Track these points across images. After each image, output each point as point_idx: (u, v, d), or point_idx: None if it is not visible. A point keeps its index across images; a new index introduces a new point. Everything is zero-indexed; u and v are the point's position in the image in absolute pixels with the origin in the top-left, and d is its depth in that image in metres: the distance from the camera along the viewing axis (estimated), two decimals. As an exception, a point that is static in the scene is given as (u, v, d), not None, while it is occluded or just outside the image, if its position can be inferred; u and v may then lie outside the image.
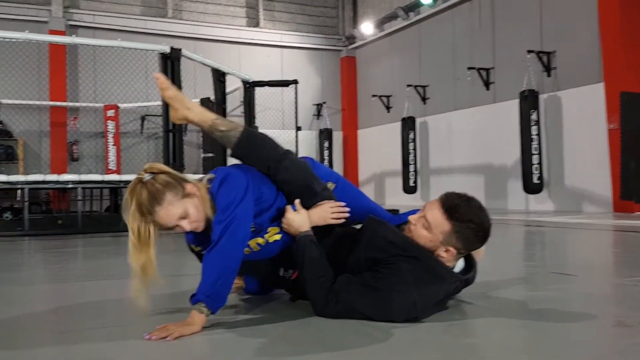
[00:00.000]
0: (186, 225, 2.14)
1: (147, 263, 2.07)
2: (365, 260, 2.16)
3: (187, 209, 2.12)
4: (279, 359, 1.73)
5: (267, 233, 2.31)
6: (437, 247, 2.15)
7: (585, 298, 2.64)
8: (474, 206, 2.14)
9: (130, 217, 2.07)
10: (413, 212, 2.58)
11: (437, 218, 2.12)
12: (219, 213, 2.14)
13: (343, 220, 2.36)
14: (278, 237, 2.31)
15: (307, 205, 2.35)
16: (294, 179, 2.36)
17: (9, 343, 1.96)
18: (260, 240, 2.30)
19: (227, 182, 2.19)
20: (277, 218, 2.34)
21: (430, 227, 2.13)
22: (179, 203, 2.10)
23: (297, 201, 2.33)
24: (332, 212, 2.34)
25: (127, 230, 2.09)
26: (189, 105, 2.45)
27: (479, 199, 2.20)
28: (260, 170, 2.36)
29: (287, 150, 2.45)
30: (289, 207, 2.31)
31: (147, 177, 2.09)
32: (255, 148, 2.37)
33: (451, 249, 2.14)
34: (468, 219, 2.11)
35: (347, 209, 2.36)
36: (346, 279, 2.11)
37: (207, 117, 2.43)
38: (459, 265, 2.26)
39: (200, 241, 2.33)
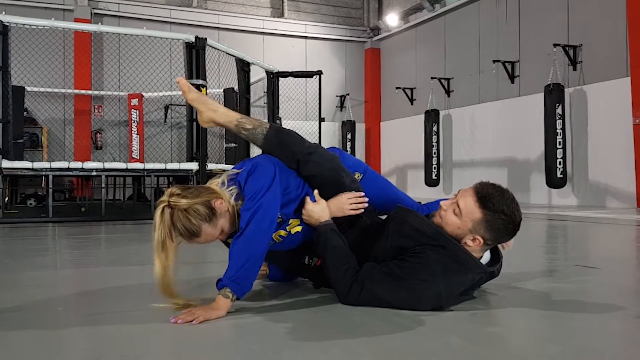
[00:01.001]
0: (222, 237, 2.23)
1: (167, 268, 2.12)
2: (391, 249, 2.16)
3: (223, 226, 2.19)
4: (303, 343, 1.74)
5: (288, 225, 2.34)
6: (465, 235, 2.14)
7: (608, 290, 2.61)
8: (507, 198, 2.13)
9: (156, 242, 2.09)
10: (436, 202, 2.58)
11: (470, 205, 2.12)
12: (247, 201, 2.16)
13: (362, 211, 2.36)
14: (299, 228, 2.33)
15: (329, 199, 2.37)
16: (323, 173, 2.37)
17: (38, 323, 2.00)
18: (282, 232, 2.32)
19: (256, 172, 2.22)
20: (299, 209, 2.36)
21: (460, 214, 2.12)
22: (215, 228, 2.16)
23: (315, 192, 2.34)
24: (351, 203, 2.34)
25: (149, 218, 2.13)
26: (213, 106, 2.48)
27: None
28: (289, 165, 2.37)
29: (315, 144, 2.47)
30: (307, 199, 2.32)
31: (172, 209, 2.10)
32: (283, 144, 2.38)
33: (479, 238, 2.13)
34: (500, 210, 2.10)
35: (366, 199, 2.36)
36: (370, 267, 2.11)
37: (232, 116, 2.46)
38: (485, 257, 2.25)
39: None
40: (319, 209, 2.27)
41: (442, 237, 2.12)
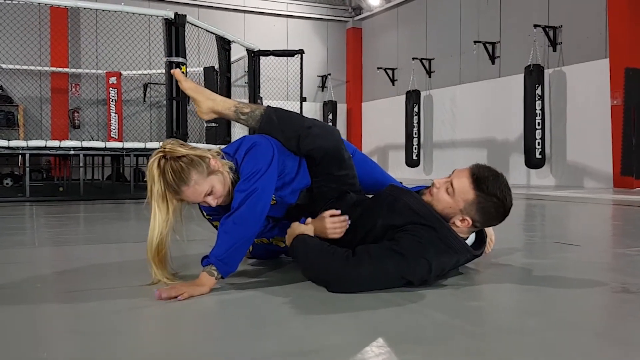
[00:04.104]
0: (212, 200, 2.14)
1: (162, 240, 2.09)
2: (382, 227, 2.14)
3: (214, 185, 2.12)
4: (287, 319, 1.74)
5: (272, 238, 2.44)
6: (455, 215, 2.14)
7: (587, 266, 2.65)
8: (502, 182, 2.14)
9: (155, 195, 2.06)
10: (418, 187, 2.57)
11: (464, 186, 2.12)
12: (242, 181, 2.14)
13: (342, 234, 2.24)
14: (282, 244, 2.41)
15: (337, 173, 2.38)
16: (323, 145, 2.35)
17: (16, 299, 1.97)
18: (264, 240, 2.44)
19: (254, 151, 2.19)
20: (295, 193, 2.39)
21: (454, 193, 2.12)
22: (205, 181, 2.09)
23: (308, 219, 2.27)
24: (335, 228, 2.23)
25: (128, 198, 2.10)
26: (211, 95, 2.45)
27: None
28: (289, 142, 2.33)
29: (314, 118, 2.46)
30: (295, 223, 2.26)
31: (167, 156, 2.07)
32: (283, 120, 2.36)
33: (468, 219, 2.13)
34: (493, 193, 2.11)
35: (347, 222, 2.25)
36: (364, 246, 2.08)
37: (230, 102, 2.44)
38: (470, 238, 2.26)
39: (216, 211, 2.33)
40: (303, 227, 2.22)
41: (434, 219, 2.12)
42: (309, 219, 2.27)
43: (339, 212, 2.26)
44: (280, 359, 1.37)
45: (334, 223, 2.23)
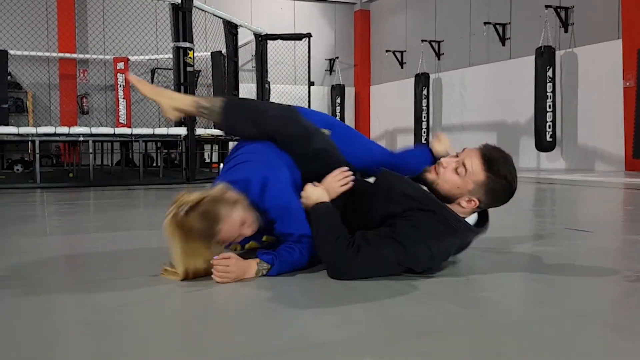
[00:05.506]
0: (248, 230, 2.09)
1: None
2: (380, 217, 2.12)
3: (243, 214, 2.06)
4: (298, 310, 1.73)
5: (247, 243, 2.42)
6: (461, 196, 2.11)
7: (599, 253, 2.63)
8: (510, 164, 2.12)
9: (185, 254, 1.98)
10: (409, 151, 2.59)
11: (476, 167, 2.09)
12: (286, 221, 2.16)
13: (351, 185, 2.27)
14: (255, 244, 2.43)
15: (307, 151, 2.34)
16: (282, 127, 2.33)
17: (28, 290, 1.98)
18: (238, 247, 2.41)
19: (274, 185, 2.17)
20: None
21: (465, 174, 2.09)
22: (235, 212, 2.03)
23: (314, 183, 2.25)
24: (339, 180, 2.25)
25: (138, 184, 2.08)
26: (171, 94, 2.46)
27: None
28: (251, 132, 2.33)
29: (270, 102, 2.43)
30: (308, 184, 2.24)
31: (183, 210, 1.97)
32: (240, 111, 2.36)
33: (475, 200, 2.11)
34: (503, 175, 2.08)
35: (350, 173, 2.28)
36: (362, 232, 2.07)
37: (189, 98, 2.43)
38: (472, 218, 2.23)
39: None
40: (318, 191, 2.20)
41: (431, 201, 2.10)
42: (319, 185, 2.25)
43: (344, 168, 2.28)
44: (290, 352, 1.37)
45: (336, 177, 2.25)
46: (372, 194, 2.23)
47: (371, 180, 2.40)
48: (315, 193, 2.19)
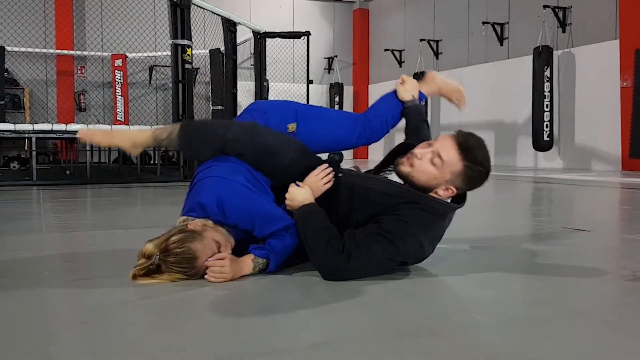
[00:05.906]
0: (225, 252, 2.04)
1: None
2: (363, 222, 2.09)
3: (214, 239, 2.02)
4: (296, 308, 1.73)
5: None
6: (439, 185, 2.09)
7: (598, 252, 2.63)
8: (485, 149, 2.10)
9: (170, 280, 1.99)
10: (382, 100, 2.66)
11: (452, 157, 2.05)
12: (262, 224, 2.12)
13: (332, 181, 2.23)
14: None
15: (275, 168, 2.26)
16: (245, 149, 2.23)
17: (23, 288, 1.97)
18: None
19: (233, 203, 2.10)
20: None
21: (442, 165, 2.06)
22: (206, 241, 1.99)
23: (297, 183, 2.21)
24: (321, 178, 2.22)
25: (135, 182, 2.06)
26: (127, 134, 2.41)
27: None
28: (213, 155, 2.24)
29: (228, 121, 2.36)
30: (292, 184, 2.21)
31: (157, 257, 1.97)
32: (198, 135, 2.27)
33: (452, 188, 2.09)
34: (479, 162, 2.06)
35: (330, 170, 2.24)
36: (351, 232, 2.05)
37: (146, 133, 2.34)
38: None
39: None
40: (303, 192, 2.16)
41: (411, 194, 2.08)
42: (303, 184, 2.21)
43: (324, 165, 2.24)
44: (289, 351, 1.36)
45: (318, 175, 2.21)
46: (348, 200, 2.18)
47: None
48: (299, 194, 2.15)
